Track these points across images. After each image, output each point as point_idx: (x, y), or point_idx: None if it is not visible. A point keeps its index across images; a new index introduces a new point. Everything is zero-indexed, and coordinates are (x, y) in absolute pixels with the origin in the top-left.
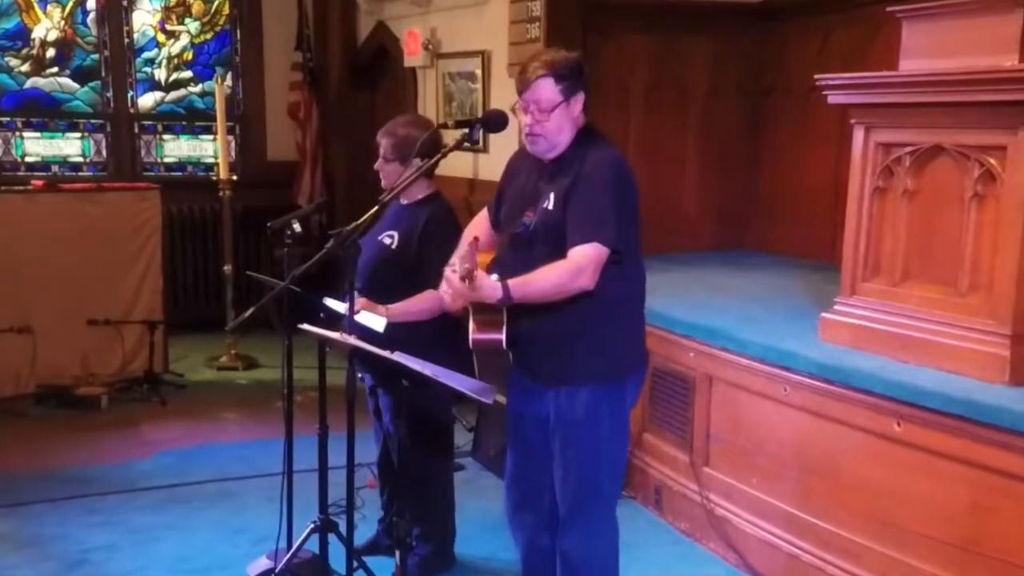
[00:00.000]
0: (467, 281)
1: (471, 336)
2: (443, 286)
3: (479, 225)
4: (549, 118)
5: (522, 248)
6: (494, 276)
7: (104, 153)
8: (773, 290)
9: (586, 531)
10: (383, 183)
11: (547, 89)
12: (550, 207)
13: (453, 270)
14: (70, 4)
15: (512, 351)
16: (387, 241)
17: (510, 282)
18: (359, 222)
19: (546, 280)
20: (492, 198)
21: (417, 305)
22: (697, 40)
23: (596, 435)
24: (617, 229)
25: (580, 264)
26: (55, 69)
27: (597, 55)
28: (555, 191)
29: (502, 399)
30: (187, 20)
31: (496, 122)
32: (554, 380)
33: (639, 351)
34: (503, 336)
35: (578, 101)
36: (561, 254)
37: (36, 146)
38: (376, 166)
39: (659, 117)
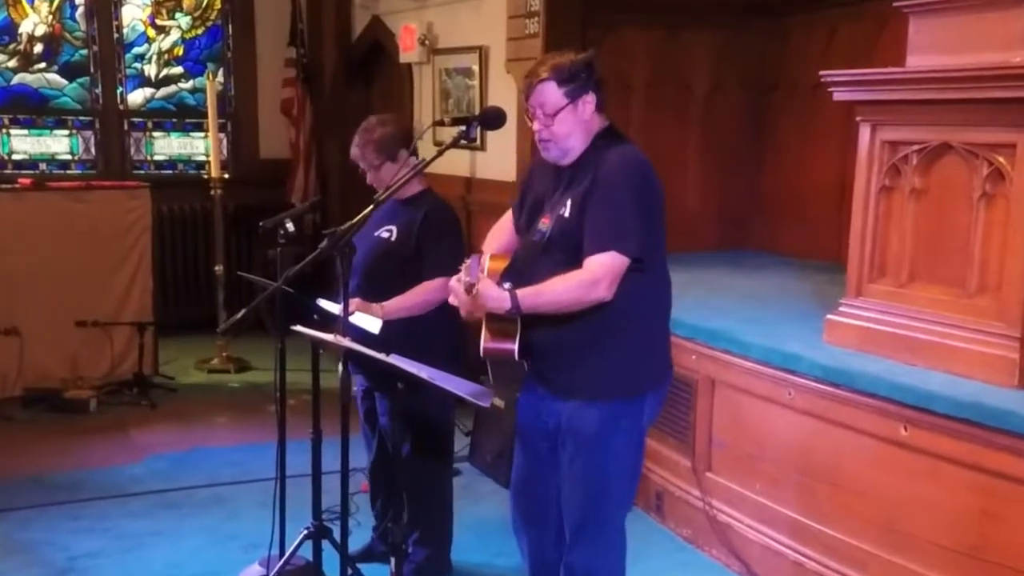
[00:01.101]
0: (471, 294)
1: (482, 344)
2: (451, 298)
3: (503, 226)
4: (554, 122)
5: (538, 256)
6: (507, 284)
7: (93, 151)
8: (777, 291)
9: (593, 548)
10: (369, 179)
11: (550, 93)
12: (566, 214)
13: (459, 280)
14: None
15: (526, 360)
16: (385, 235)
17: (519, 293)
18: (354, 221)
19: (558, 291)
20: (515, 200)
21: (412, 299)
22: (699, 35)
23: (607, 452)
24: (637, 236)
25: (596, 275)
26: (43, 65)
27: (597, 50)
28: (572, 197)
29: (500, 403)
30: (178, 15)
31: (494, 119)
32: (567, 392)
33: (661, 364)
34: (515, 346)
35: (587, 103)
36: (578, 263)
37: (23, 143)
38: (369, 180)
39: (660, 114)
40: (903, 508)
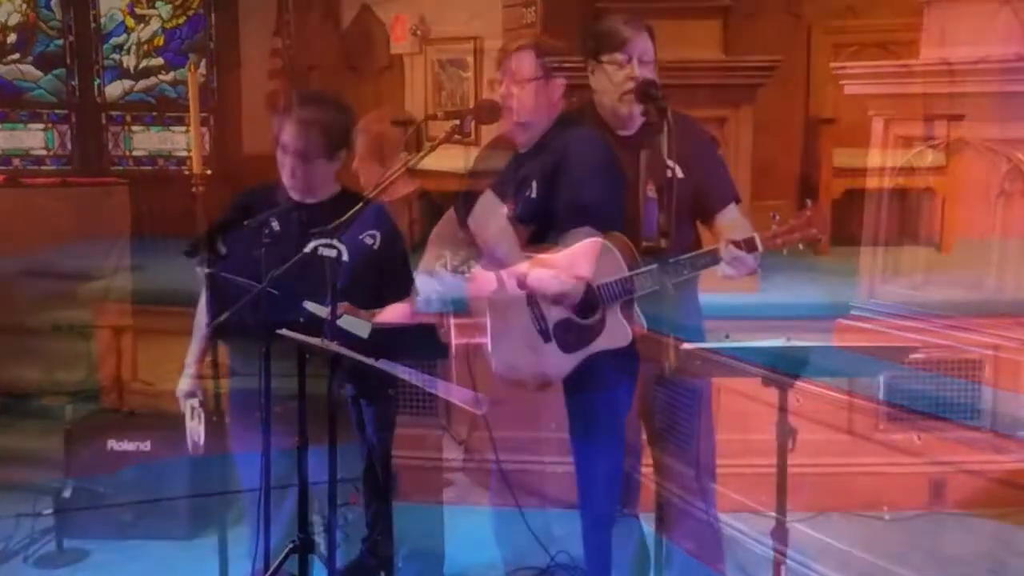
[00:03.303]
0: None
1: (454, 341)
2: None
3: (447, 228)
4: (524, 91)
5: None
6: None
7: (69, 146)
8: (785, 293)
9: None
10: (361, 181)
11: (526, 60)
12: (533, 195)
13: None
14: None
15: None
16: (368, 241)
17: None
18: (342, 220)
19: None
20: (458, 199)
21: (405, 312)
22: (705, 25)
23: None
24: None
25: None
26: (16, 55)
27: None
28: (536, 177)
29: None
30: (158, 4)
31: (489, 113)
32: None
33: None
34: (488, 340)
35: (557, 86)
36: (548, 241)
37: None
38: (354, 166)
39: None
40: (916, 519)
